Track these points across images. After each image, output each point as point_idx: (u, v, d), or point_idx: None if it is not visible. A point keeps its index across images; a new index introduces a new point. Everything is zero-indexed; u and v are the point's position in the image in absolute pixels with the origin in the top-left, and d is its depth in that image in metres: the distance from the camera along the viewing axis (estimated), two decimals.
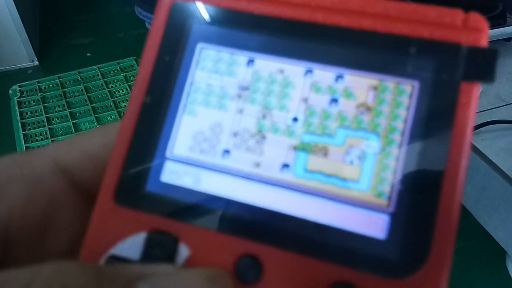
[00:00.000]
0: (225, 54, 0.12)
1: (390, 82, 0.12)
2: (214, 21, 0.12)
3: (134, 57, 1.26)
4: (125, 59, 1.25)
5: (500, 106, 0.67)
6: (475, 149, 0.60)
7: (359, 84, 0.12)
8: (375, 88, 0.12)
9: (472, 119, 0.11)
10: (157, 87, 0.12)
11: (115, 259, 0.11)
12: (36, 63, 2.09)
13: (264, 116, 0.12)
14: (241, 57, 0.12)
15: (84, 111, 1.07)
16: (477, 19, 0.11)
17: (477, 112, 0.67)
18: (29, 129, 1.02)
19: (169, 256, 0.11)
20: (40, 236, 0.11)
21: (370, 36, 0.12)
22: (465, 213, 0.66)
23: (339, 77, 0.12)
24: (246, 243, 0.11)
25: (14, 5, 1.84)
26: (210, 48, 0.13)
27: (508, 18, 0.78)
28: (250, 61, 0.12)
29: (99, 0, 2.74)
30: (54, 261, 0.08)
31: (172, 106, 0.12)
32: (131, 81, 1.17)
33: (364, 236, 0.11)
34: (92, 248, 0.11)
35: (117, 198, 0.12)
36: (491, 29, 0.74)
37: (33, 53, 2.07)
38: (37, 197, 0.11)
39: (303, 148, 0.12)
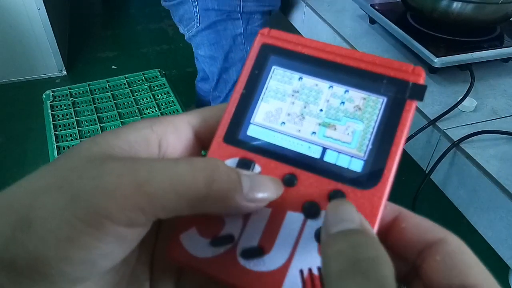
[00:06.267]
0: (287, 73, 0.21)
1: (372, 97, 0.20)
2: (282, 55, 0.22)
3: (158, 69, 1.34)
4: (150, 70, 1.31)
5: (493, 119, 0.72)
6: (467, 155, 0.65)
7: (356, 96, 0.20)
8: (364, 98, 0.20)
9: (410, 118, 0.20)
10: (250, 86, 0.22)
11: None
12: (64, 73, 2.26)
13: (305, 107, 0.21)
14: (295, 75, 0.21)
15: (111, 116, 1.14)
16: (419, 69, 0.20)
17: (472, 124, 0.73)
18: (60, 130, 1.08)
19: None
20: (180, 155, 0.21)
21: (364, 72, 0.21)
22: (470, 228, 0.66)
23: (346, 91, 0.21)
24: (289, 167, 0.20)
25: (48, 19, 1.97)
26: (279, 69, 0.22)
27: (505, 41, 0.84)
28: (300, 78, 0.21)
29: (124, 17, 2.89)
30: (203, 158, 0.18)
31: (256, 97, 0.21)
32: (155, 90, 1.24)
33: (351, 169, 0.20)
34: None
35: (225, 139, 0.21)
36: (488, 50, 0.80)
37: (62, 63, 2.23)
38: (180, 138, 0.21)
39: (323, 125, 0.20)
